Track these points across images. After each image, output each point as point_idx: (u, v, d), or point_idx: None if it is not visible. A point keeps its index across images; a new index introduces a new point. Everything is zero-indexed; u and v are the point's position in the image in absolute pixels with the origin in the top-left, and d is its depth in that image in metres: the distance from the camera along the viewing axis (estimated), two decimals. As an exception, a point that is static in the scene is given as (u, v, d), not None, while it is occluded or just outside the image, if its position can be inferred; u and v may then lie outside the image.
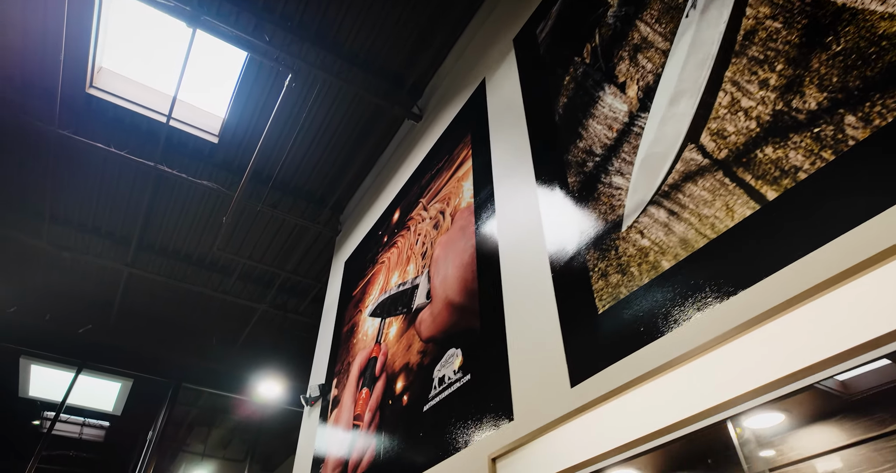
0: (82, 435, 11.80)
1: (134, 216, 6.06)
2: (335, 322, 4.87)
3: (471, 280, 2.87)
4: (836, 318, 1.18)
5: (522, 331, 2.31)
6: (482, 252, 2.86)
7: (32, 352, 7.29)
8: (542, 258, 2.36)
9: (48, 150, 5.30)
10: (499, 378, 2.32)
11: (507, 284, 2.54)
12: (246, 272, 6.91)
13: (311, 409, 4.58)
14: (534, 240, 2.47)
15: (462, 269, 3.00)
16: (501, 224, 2.79)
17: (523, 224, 2.61)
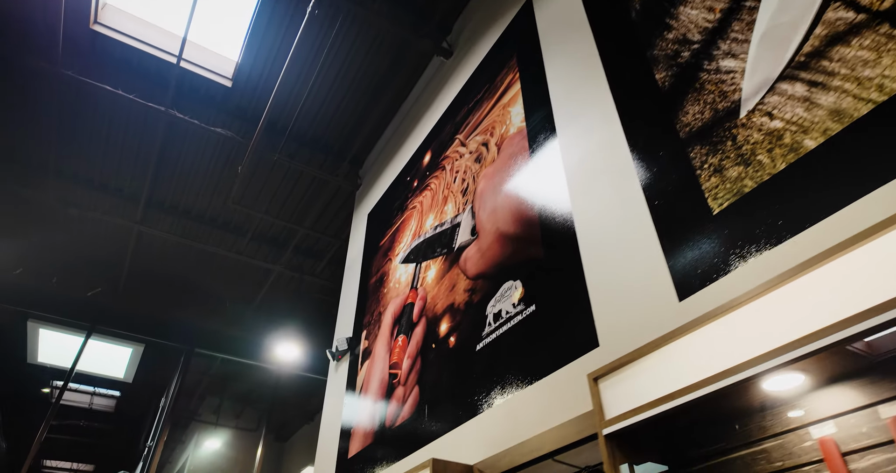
0: (92, 405, 11.69)
1: (143, 169, 5.75)
2: (360, 275, 4.61)
3: (527, 208, 2.58)
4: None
5: (603, 252, 2.02)
6: (541, 176, 2.56)
7: (40, 315, 7.07)
8: (624, 168, 2.06)
9: (53, 93, 4.97)
10: (574, 304, 2.04)
11: (579, 205, 2.25)
12: (260, 232, 6.63)
13: (338, 364, 4.34)
14: (612, 150, 2.17)
15: (515, 198, 2.70)
16: (566, 142, 2.48)
17: (596, 137, 2.30)
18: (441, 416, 2.66)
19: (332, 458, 3.78)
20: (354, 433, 3.57)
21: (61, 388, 7.14)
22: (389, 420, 3.15)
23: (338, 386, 4.17)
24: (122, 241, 6.59)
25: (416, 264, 3.62)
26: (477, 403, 2.41)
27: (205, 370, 9.38)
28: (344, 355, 4.24)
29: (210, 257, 6.90)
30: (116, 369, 8.32)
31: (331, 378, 4.39)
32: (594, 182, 2.21)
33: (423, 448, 2.69)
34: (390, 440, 3.06)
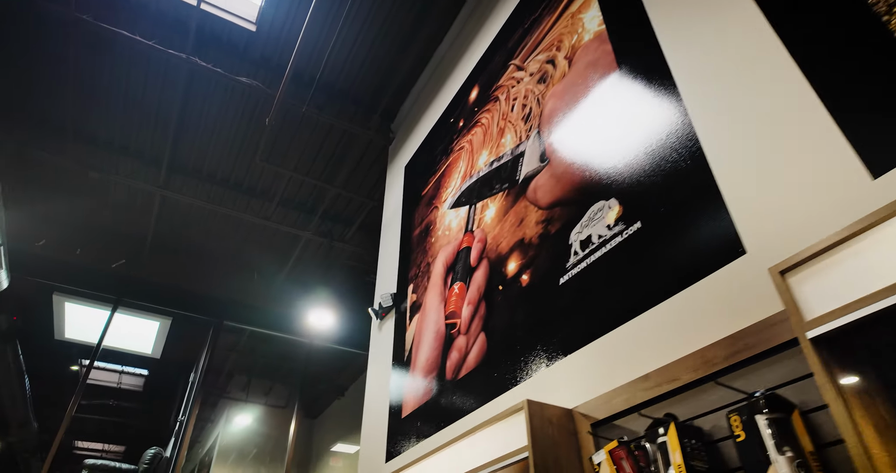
0: (121, 384, 11.67)
1: (165, 127, 5.45)
2: (401, 229, 4.27)
3: (618, 114, 2.20)
4: None
5: (734, 140, 1.64)
6: (637, 71, 2.17)
7: (65, 288, 6.88)
8: (758, 38, 1.67)
9: (69, 44, 4.66)
10: (699, 210, 1.67)
11: (692, 91, 1.86)
12: (288, 196, 6.32)
13: (382, 322, 4.03)
14: (732, 30, 1.77)
15: (600, 106, 2.32)
16: (668, 32, 2.09)
17: (707, 15, 1.90)
18: (516, 361, 2.32)
19: (381, 421, 3.49)
20: (407, 391, 3.26)
21: (88, 365, 6.96)
22: (451, 373, 2.83)
23: (383, 345, 3.87)
24: (146, 207, 6.34)
25: (469, 207, 3.27)
26: (565, 342, 2.07)
27: (232, 347, 9.20)
28: (388, 312, 3.92)
29: (237, 223, 6.62)
30: (144, 344, 8.16)
31: (374, 338, 4.09)
32: (713, 54, 1.82)
33: (498, 398, 2.37)
34: (453, 392, 2.74)
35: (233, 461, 9.85)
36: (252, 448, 9.94)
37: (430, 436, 2.78)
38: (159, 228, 6.62)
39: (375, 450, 3.44)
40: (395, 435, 3.23)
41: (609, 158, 2.17)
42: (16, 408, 9.97)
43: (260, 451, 9.93)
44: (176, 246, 6.98)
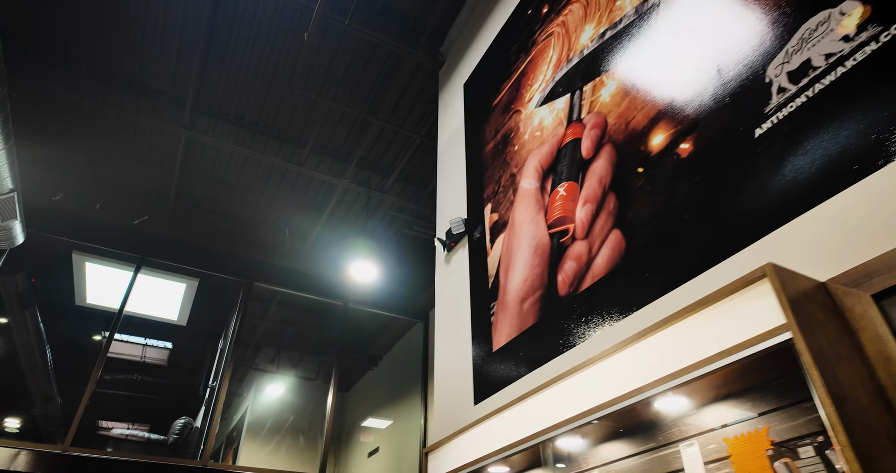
0: (145, 358, 11.31)
1: (189, 56, 4.87)
2: (466, 150, 3.68)
3: None
4: None
5: None
6: None
7: (85, 246, 6.41)
8: None
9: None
10: None
11: None
12: (322, 141, 5.75)
13: (451, 254, 3.47)
14: None
15: None
16: None
17: None
18: (680, 253, 1.74)
19: (461, 361, 2.94)
20: (498, 321, 2.70)
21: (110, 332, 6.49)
22: (567, 287, 2.25)
23: (455, 278, 3.31)
24: (170, 153, 5.81)
25: (570, 95, 2.66)
26: (787, 201, 1.47)
27: (261, 315, 8.74)
28: (459, 240, 3.35)
29: (267, 172, 6.07)
30: (170, 310, 7.71)
31: (442, 273, 3.53)
32: None
33: (651, 304, 1.78)
34: (573, 309, 2.17)
35: (262, 436, 9.46)
36: (282, 422, 9.55)
37: (547, 362, 2.22)
38: (184, 179, 6.10)
39: (457, 394, 2.90)
40: (486, 372, 2.68)
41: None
42: (38, 381, 9.64)
43: (291, 425, 9.54)
44: (202, 200, 6.46)
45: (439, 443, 2.65)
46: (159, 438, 8.47)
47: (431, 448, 2.71)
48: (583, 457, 1.91)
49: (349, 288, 7.34)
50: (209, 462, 6.38)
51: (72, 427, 5.46)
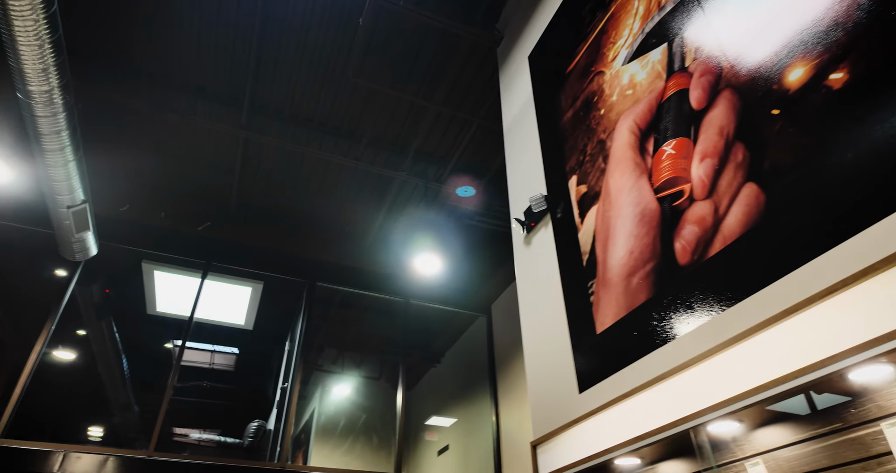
0: (213, 364, 11.60)
1: (243, 56, 4.84)
2: (538, 123, 3.45)
3: None
4: None
5: None
6: None
7: (153, 255, 6.54)
8: None
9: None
10: None
11: None
12: (377, 133, 5.63)
13: (531, 235, 3.25)
14: None
15: None
16: None
17: None
18: (850, 195, 1.46)
19: (558, 346, 2.72)
20: (599, 300, 2.47)
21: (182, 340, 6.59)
22: (689, 254, 2.00)
23: (539, 260, 3.09)
24: (228, 156, 5.82)
25: (666, 44, 2.40)
26: None
27: (322, 316, 8.75)
28: (541, 219, 3.13)
29: (324, 170, 6.01)
30: (236, 314, 7.81)
31: (521, 256, 3.32)
32: None
33: (822, 257, 1.51)
34: (697, 278, 1.92)
35: (332, 437, 9.50)
36: (351, 422, 9.55)
37: (673, 339, 1.97)
38: (243, 181, 6.12)
39: (556, 384, 2.68)
40: (591, 358, 2.45)
41: None
42: (116, 390, 10.01)
43: (360, 426, 9.53)
44: (262, 202, 6.48)
45: (549, 436, 2.44)
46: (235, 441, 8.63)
47: (539, 442, 2.50)
48: (737, 444, 1.65)
49: (410, 284, 7.22)
50: (287, 463, 6.38)
51: (154, 432, 5.55)
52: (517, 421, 6.38)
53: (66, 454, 4.89)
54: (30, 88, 4.13)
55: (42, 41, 3.83)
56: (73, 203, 5.20)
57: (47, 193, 4.96)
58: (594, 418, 2.13)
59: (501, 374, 7.05)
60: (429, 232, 6.26)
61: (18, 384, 5.20)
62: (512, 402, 6.62)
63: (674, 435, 1.71)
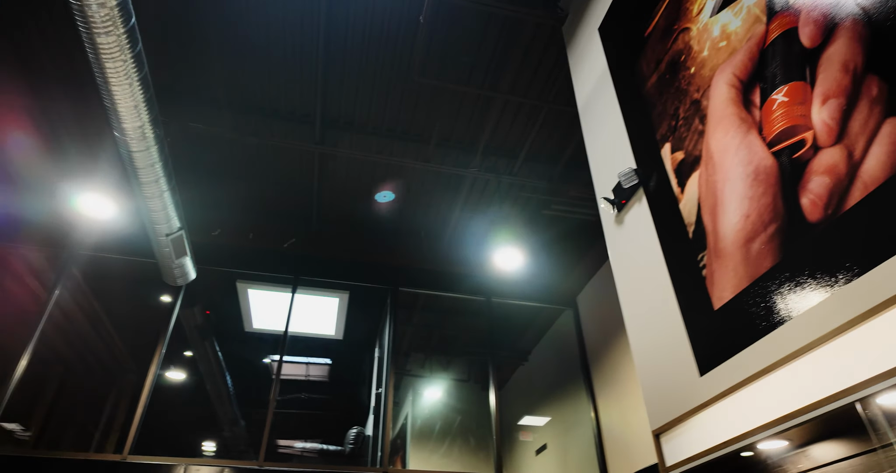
0: (309, 376, 12.06)
1: (311, 72, 4.97)
2: (619, 94, 3.27)
3: None
4: None
5: None
6: None
7: (246, 274, 6.87)
8: None
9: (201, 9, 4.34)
10: None
11: None
12: (445, 133, 5.61)
13: (622, 214, 3.07)
14: None
15: None
16: None
17: None
18: None
19: (669, 330, 2.53)
20: (714, 273, 2.27)
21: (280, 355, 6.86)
22: (820, 210, 1.78)
23: (636, 238, 2.90)
24: (306, 170, 6.00)
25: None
26: None
27: (405, 321, 8.85)
28: (632, 194, 2.95)
29: (395, 174, 6.06)
30: (327, 325, 8.06)
31: (614, 238, 3.14)
32: None
33: None
34: (833, 235, 1.69)
35: (426, 440, 9.56)
36: (445, 426, 9.58)
37: (812, 304, 1.75)
38: (322, 195, 6.30)
39: (670, 368, 2.49)
40: (710, 336, 2.25)
41: None
42: (223, 406, 10.61)
43: (454, 428, 9.53)
44: (340, 214, 6.64)
45: (672, 424, 2.26)
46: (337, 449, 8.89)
47: (662, 430, 2.33)
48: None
49: (490, 282, 7.14)
50: (388, 467, 6.46)
51: (262, 444, 5.78)
52: (618, 415, 6.10)
53: (186, 467, 5.18)
54: (124, 125, 4.43)
55: (131, 79, 4.10)
56: (171, 231, 5.54)
57: (147, 223, 5.32)
58: (726, 400, 1.94)
59: (595, 368, 6.79)
60: (505, 227, 6.15)
61: (139, 405, 5.58)
62: (610, 396, 6.35)
63: (833, 411, 1.50)
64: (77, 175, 5.95)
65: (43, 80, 5.04)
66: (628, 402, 5.88)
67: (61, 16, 4.59)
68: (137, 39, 3.96)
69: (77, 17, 3.62)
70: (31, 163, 5.90)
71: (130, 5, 3.77)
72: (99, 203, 5.16)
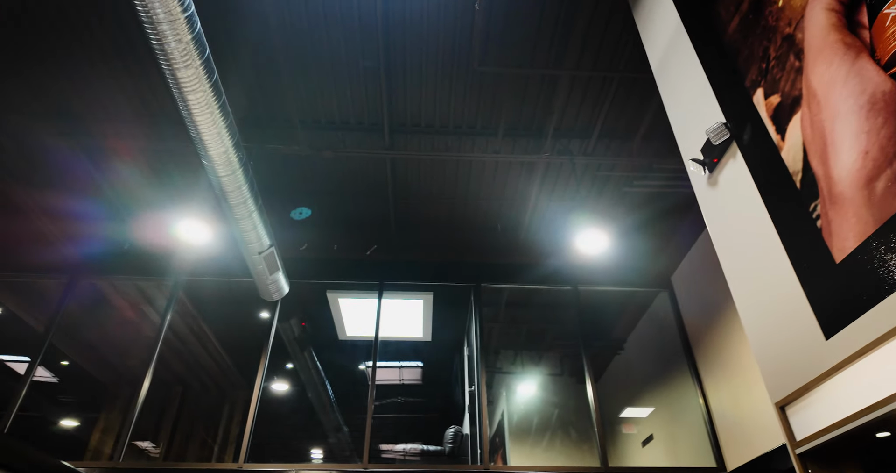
0: (403, 380, 12.30)
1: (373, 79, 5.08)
2: (696, 45, 3.06)
3: None
4: None
5: None
6: None
7: (334, 284, 7.12)
8: None
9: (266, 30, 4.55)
10: None
11: None
12: (512, 121, 5.53)
13: (714, 174, 2.86)
14: None
15: None
16: None
17: None
18: None
19: (782, 290, 2.31)
20: (830, 222, 2.04)
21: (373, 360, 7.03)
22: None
23: (733, 196, 2.69)
24: (380, 177, 6.14)
25: None
26: None
27: (491, 319, 8.81)
28: (725, 151, 2.74)
29: (467, 170, 6.05)
30: (415, 328, 8.18)
31: (708, 198, 2.93)
32: None
33: None
34: None
35: (525, 437, 9.43)
36: (542, 421, 9.41)
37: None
38: (397, 201, 6.42)
39: (788, 333, 2.27)
40: (834, 293, 2.02)
41: None
42: (326, 413, 11.06)
43: (552, 423, 9.34)
44: (417, 216, 6.73)
45: (799, 393, 2.06)
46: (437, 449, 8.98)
47: (787, 401, 2.13)
48: None
49: (576, 270, 6.94)
50: (490, 465, 6.41)
51: (364, 447, 5.93)
52: (729, 398, 5.70)
53: (297, 472, 5.40)
54: (210, 152, 4.72)
55: (212, 108, 4.37)
56: (262, 249, 5.84)
57: (240, 243, 5.64)
58: (862, 360, 1.73)
59: (699, 350, 6.40)
60: (585, 211, 5.95)
61: (249, 416, 5.91)
62: (718, 378, 5.95)
63: None
64: (177, 205, 6.45)
65: (156, 117, 5.47)
66: (739, 383, 5.48)
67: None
68: (213, 69, 4.21)
69: (158, 54, 3.91)
70: (141, 197, 6.46)
71: (204, 37, 4.03)
72: (197, 229, 5.53)
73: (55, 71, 5.03)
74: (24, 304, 7.68)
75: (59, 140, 5.60)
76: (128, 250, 6.86)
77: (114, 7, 4.57)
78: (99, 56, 4.91)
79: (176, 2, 3.73)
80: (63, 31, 4.73)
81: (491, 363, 10.16)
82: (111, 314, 8.00)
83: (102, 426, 9.98)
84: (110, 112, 5.42)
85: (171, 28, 3.80)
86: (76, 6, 4.56)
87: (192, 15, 3.90)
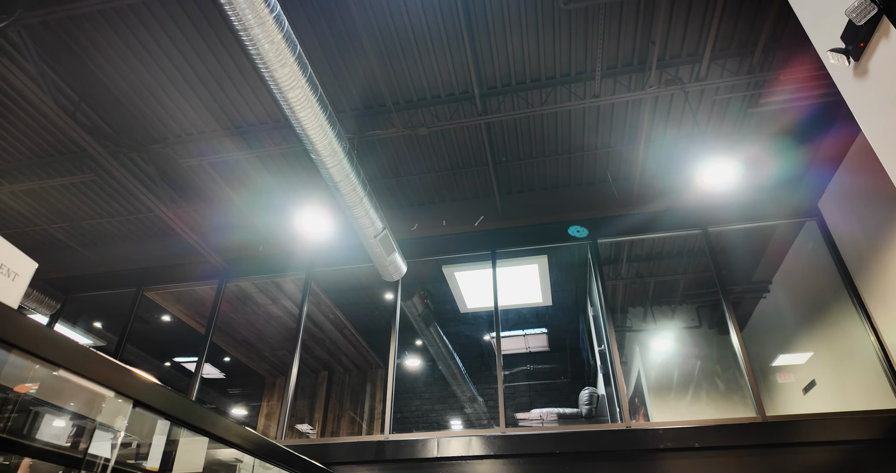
0: (529, 348, 12.33)
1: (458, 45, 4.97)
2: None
3: None
4: None
5: None
6: None
7: (448, 259, 7.22)
8: None
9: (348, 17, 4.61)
10: None
11: None
12: (608, 60, 5.15)
13: (861, 62, 2.41)
14: None
15: None
16: None
17: None
18: None
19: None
20: None
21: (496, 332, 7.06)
22: None
23: (888, 84, 2.25)
24: (478, 144, 6.06)
25: None
26: None
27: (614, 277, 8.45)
28: (873, 31, 2.29)
29: (566, 122, 5.77)
30: (533, 294, 8.10)
31: (857, 94, 2.48)
32: None
33: None
34: None
35: (666, 393, 9.02)
36: (683, 375, 8.94)
37: None
38: (497, 166, 6.31)
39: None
40: None
41: None
42: (458, 385, 11.40)
43: (694, 377, 8.85)
44: (520, 178, 6.58)
45: None
46: (574, 411, 8.90)
47: None
48: None
49: (702, 210, 6.39)
50: (630, 422, 6.23)
51: (500, 412, 5.99)
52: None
53: (439, 440, 5.61)
54: (316, 145, 4.92)
55: (311, 102, 4.53)
56: (377, 232, 6.04)
57: (357, 229, 5.87)
58: None
59: (862, 280, 5.64)
60: (706, 142, 5.41)
61: (388, 392, 6.21)
62: (892, 307, 5.21)
63: None
64: (297, 203, 6.87)
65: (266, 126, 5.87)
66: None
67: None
68: (306, 64, 4.35)
69: (255, 59, 4.11)
70: (266, 202, 6.97)
71: (292, 34, 4.16)
72: (318, 222, 5.84)
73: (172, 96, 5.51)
74: (188, 311, 8.70)
75: (188, 160, 6.17)
76: (262, 251, 7.46)
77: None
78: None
79: (263, 3, 3.88)
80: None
81: (619, 322, 9.80)
82: (257, 311, 8.81)
83: (265, 411, 11.15)
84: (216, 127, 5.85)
85: (262, 31, 3.96)
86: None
87: (278, 15, 4.03)
